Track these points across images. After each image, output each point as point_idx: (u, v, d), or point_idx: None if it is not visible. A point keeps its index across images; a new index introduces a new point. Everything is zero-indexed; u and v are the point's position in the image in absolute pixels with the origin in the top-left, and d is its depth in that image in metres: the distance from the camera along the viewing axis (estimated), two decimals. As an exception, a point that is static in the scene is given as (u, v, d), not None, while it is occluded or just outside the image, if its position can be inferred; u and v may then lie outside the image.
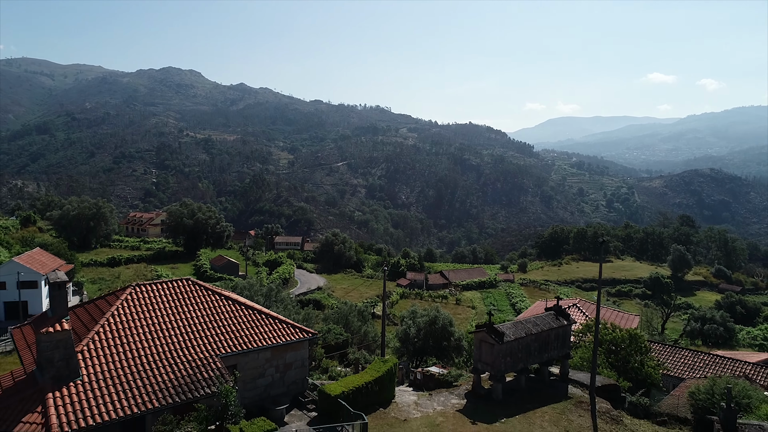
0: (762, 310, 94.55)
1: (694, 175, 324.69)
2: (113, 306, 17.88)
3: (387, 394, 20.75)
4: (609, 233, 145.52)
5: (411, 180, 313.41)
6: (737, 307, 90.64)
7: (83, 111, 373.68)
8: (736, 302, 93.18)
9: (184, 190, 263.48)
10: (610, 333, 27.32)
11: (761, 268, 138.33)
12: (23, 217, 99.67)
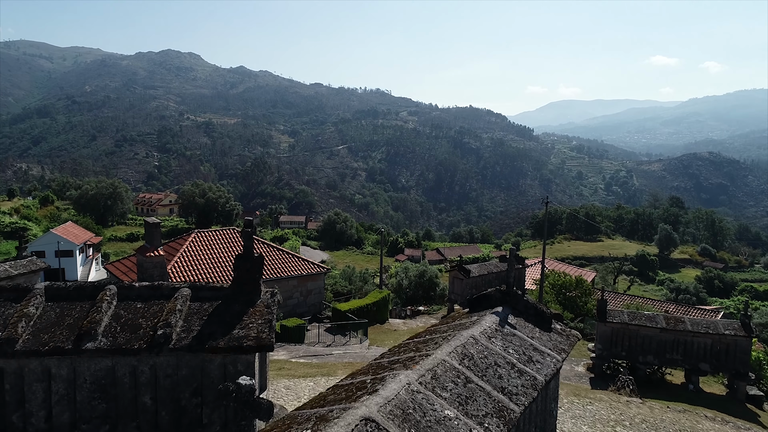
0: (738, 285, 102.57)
1: (692, 159, 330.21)
2: (184, 245, 25.27)
3: (382, 315, 28.17)
4: (601, 214, 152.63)
5: (411, 163, 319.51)
6: (715, 282, 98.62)
7: (83, 94, 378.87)
8: (714, 277, 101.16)
9: (186, 173, 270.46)
10: (561, 278, 34.72)
11: (747, 247, 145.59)
12: (41, 197, 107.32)
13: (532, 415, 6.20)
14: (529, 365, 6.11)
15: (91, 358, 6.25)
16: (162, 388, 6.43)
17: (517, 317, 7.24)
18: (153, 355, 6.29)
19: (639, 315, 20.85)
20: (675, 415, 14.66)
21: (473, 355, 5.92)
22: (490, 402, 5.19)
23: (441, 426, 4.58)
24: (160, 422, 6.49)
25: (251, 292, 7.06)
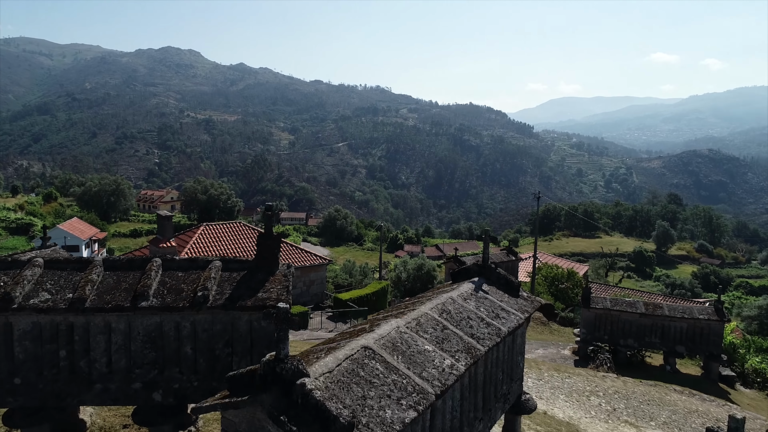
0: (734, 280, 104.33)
1: (692, 156, 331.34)
2: (193, 237, 26.81)
3: (381, 304, 29.72)
4: (599, 211, 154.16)
5: (411, 160, 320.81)
6: (711, 277, 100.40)
7: (83, 91, 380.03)
8: (710, 273, 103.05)
9: (186, 171, 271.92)
10: (553, 271, 36.28)
11: (744, 243, 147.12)
12: (45, 194, 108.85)
13: (498, 360, 7.78)
14: (496, 320, 7.69)
15: (143, 315, 7.80)
16: (200, 340, 7.98)
17: (491, 285, 8.80)
18: (193, 312, 7.84)
19: (620, 301, 22.40)
20: (646, 388, 16.21)
21: (450, 311, 7.50)
22: (461, 343, 6.79)
23: (421, 355, 6.18)
24: (198, 368, 8.04)
25: (271, 264, 8.61)
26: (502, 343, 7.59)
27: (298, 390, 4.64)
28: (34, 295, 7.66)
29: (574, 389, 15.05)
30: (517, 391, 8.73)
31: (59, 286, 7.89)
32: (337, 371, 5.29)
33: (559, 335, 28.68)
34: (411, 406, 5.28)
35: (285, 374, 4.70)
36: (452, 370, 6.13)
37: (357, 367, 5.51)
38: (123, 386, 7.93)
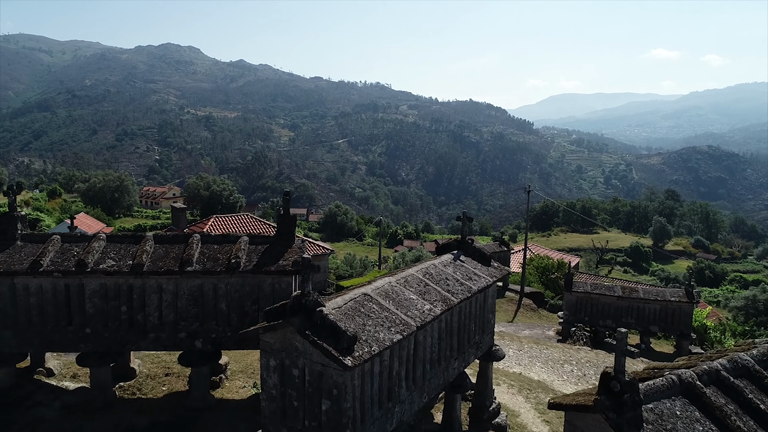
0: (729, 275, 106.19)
1: (691, 152, 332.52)
2: (204, 227, 28.85)
3: (380, 291, 31.73)
4: (597, 207, 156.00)
5: (411, 157, 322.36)
6: (706, 272, 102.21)
7: (83, 88, 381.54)
8: (705, 267, 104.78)
9: (187, 167, 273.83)
10: (544, 261, 38.31)
11: (740, 239, 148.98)
12: (49, 190, 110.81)
13: (471, 314, 9.84)
14: (469, 281, 9.76)
15: (188, 278, 9.83)
16: (232, 299, 10.02)
17: (467, 257, 10.87)
18: (228, 276, 9.88)
19: (599, 285, 24.44)
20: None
21: (432, 273, 9.56)
22: (439, 295, 8.86)
23: (407, 301, 8.24)
24: (231, 321, 10.08)
25: (288, 239, 10.65)
26: (474, 299, 9.63)
27: (318, 315, 6.68)
28: (102, 262, 9.71)
29: (550, 358, 17.07)
30: (488, 343, 10.77)
31: (120, 255, 9.93)
32: (344, 307, 7.34)
33: (547, 320, 30.72)
34: (398, 332, 7.32)
35: (308, 304, 6.74)
36: (430, 312, 8.18)
37: (358, 305, 7.56)
38: (171, 335, 9.99)
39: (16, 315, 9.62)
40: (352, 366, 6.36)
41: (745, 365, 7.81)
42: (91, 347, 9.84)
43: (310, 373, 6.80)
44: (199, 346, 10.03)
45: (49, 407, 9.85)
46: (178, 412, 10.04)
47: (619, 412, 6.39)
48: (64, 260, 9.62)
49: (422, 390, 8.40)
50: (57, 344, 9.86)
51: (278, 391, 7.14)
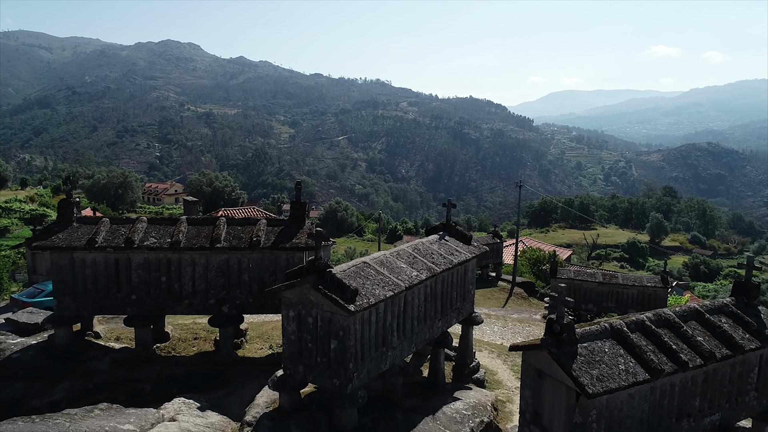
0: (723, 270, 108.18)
1: (691, 149, 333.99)
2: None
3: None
4: (595, 203, 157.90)
5: (411, 154, 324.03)
6: (701, 267, 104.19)
7: (83, 85, 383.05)
8: (700, 263, 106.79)
9: (187, 164, 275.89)
10: (536, 253, 40.31)
11: (737, 235, 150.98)
12: (53, 186, 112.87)
13: (453, 283, 11.84)
14: (450, 255, 11.77)
15: (217, 253, 11.84)
16: (254, 271, 12.03)
17: (451, 237, 12.88)
18: (250, 252, 11.89)
19: (582, 272, 26.46)
20: (591, 336, 20.29)
21: (420, 249, 11.58)
22: (425, 266, 10.87)
23: (398, 269, 10.25)
24: (252, 290, 12.10)
25: (300, 222, 12.65)
26: (455, 270, 11.64)
27: (328, 274, 8.69)
28: (146, 240, 11.73)
29: (531, 334, 19.06)
30: (469, 310, 12.79)
31: (160, 234, 11.95)
32: (347, 270, 9.35)
33: (536, 307, 32.74)
34: (390, 290, 9.34)
35: (320, 266, 8.76)
36: (417, 277, 10.20)
37: (359, 270, 9.58)
38: (203, 302, 12.02)
39: (74, 284, 11.64)
40: (354, 311, 8.38)
41: (667, 318, 9.84)
42: (136, 311, 11.86)
43: (322, 319, 8.82)
44: (226, 311, 12.06)
45: (101, 361, 11.87)
46: (208, 365, 12.06)
47: (559, 348, 8.41)
48: (114, 238, 11.63)
49: (411, 341, 10.43)
50: (108, 308, 11.90)
51: (296, 335, 9.17)
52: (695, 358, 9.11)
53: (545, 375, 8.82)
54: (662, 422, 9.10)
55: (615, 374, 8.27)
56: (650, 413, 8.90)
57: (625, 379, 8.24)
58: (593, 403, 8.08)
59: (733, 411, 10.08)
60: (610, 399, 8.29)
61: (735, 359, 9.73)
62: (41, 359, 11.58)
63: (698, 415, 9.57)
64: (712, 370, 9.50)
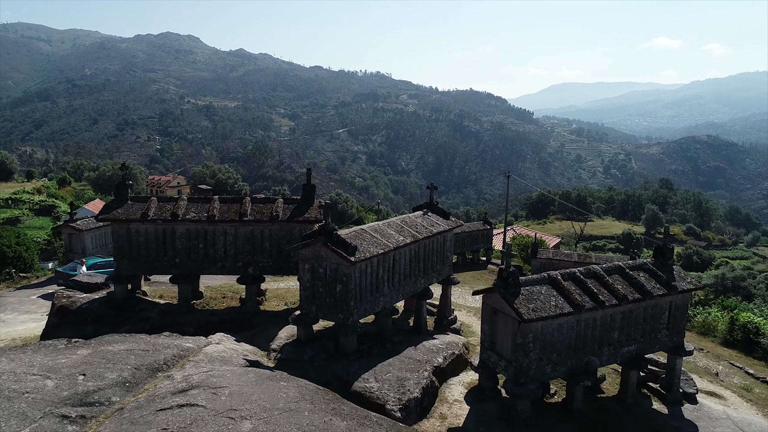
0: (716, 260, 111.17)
1: (690, 142, 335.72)
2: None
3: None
4: (592, 195, 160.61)
5: (411, 146, 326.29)
6: (694, 257, 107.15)
7: (83, 77, 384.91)
8: (693, 253, 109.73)
9: (188, 157, 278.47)
10: (524, 239, 43.28)
11: (732, 227, 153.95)
12: (59, 178, 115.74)
13: (433, 249, 14.87)
14: (431, 227, 14.78)
15: (244, 225, 14.86)
16: (273, 240, 15.05)
17: (433, 213, 15.85)
18: (270, 224, 14.91)
19: (560, 252, 29.47)
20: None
21: (407, 221, 14.59)
22: (410, 233, 13.91)
23: (388, 235, 13.35)
24: (272, 255, 15.12)
25: (310, 200, 15.66)
26: (434, 238, 14.66)
27: (335, 235, 11.71)
28: (187, 214, 14.74)
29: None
30: (447, 272, 15.82)
31: (198, 210, 14.97)
32: (349, 234, 12.37)
33: (522, 287, 35.70)
34: (382, 249, 12.36)
35: (329, 229, 11.77)
36: (403, 241, 13.22)
37: (358, 234, 12.59)
38: (232, 264, 15.04)
39: (130, 249, 14.67)
40: (354, 262, 11.41)
41: (595, 271, 12.89)
42: (179, 271, 14.89)
43: (330, 269, 11.85)
44: (251, 272, 15.09)
45: (151, 311, 14.90)
46: (237, 315, 15.10)
47: (506, 289, 11.41)
48: (162, 213, 14.64)
49: (398, 291, 13.48)
50: (157, 269, 14.94)
51: (310, 283, 12.20)
52: (612, 299, 12.16)
53: (498, 311, 11.86)
54: (587, 348, 12.16)
55: (546, 308, 11.32)
56: (576, 340, 11.96)
57: (554, 311, 11.29)
58: (529, 327, 11.13)
59: (648, 344, 13.13)
60: (543, 326, 11.34)
61: (647, 303, 12.77)
62: (105, 309, 14.62)
63: (617, 345, 12.62)
64: (627, 310, 12.55)
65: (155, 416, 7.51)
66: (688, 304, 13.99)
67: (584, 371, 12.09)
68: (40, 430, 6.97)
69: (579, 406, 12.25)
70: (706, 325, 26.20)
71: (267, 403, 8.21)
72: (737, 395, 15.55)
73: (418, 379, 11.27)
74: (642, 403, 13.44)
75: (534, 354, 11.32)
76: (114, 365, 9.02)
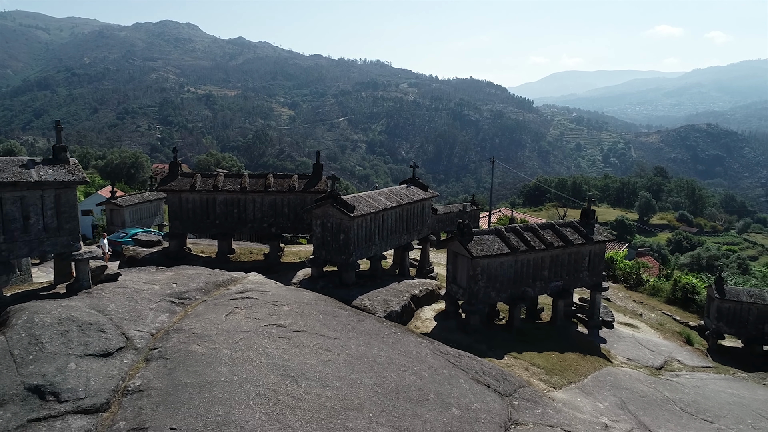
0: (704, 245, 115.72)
1: (690, 130, 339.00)
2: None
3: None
4: (588, 183, 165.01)
5: (411, 135, 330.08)
6: (683, 243, 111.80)
7: (82, 66, 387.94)
8: (683, 239, 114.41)
9: (188, 146, 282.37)
10: (508, 219, 47.89)
11: (724, 214, 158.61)
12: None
13: (413, 214, 19.61)
14: (413, 196, 19.54)
15: (269, 195, 19.50)
16: (291, 206, 19.70)
17: (415, 186, 20.54)
18: (288, 194, 19.56)
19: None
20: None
21: (393, 191, 19.36)
22: (395, 200, 18.70)
23: (378, 200, 18.18)
24: (289, 218, 19.79)
25: (319, 176, 20.30)
26: (414, 205, 19.29)
27: (339, 198, 16.37)
28: (225, 186, 19.37)
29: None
30: (426, 232, 20.47)
31: (233, 183, 19.60)
32: (349, 198, 17.04)
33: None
34: (373, 209, 17.03)
35: (335, 192, 16.44)
36: (389, 205, 17.86)
37: (355, 199, 17.25)
38: (259, 225, 19.71)
39: (181, 213, 19.31)
40: (353, 217, 16.04)
41: (531, 226, 17.54)
42: (219, 230, 19.57)
43: (335, 223, 16.49)
44: (274, 231, 19.75)
45: (197, 262, 19.54)
46: (263, 264, 19.74)
47: (463, 237, 16.04)
48: (205, 185, 19.26)
49: (387, 243, 18.14)
50: (201, 229, 19.62)
51: (320, 234, 16.85)
52: (541, 245, 16.83)
53: (458, 254, 16.51)
54: (523, 281, 16.85)
55: (491, 249, 15.98)
56: (515, 275, 16.64)
57: (496, 251, 15.96)
58: (478, 262, 15.78)
59: (572, 281, 17.82)
60: (488, 262, 16.00)
61: (570, 249, 17.45)
62: (162, 259, 19.25)
63: (547, 280, 17.30)
64: (555, 254, 17.22)
65: (227, 302, 12.22)
66: (604, 252, 18.70)
67: (521, 297, 16.79)
68: (162, 306, 11.65)
69: (518, 324, 16.93)
70: (656, 287, 30.93)
71: (296, 300, 12.92)
72: (649, 327, 20.29)
73: (399, 301, 15.94)
74: (569, 327, 18.15)
75: (482, 283, 15.99)
76: (192, 280, 13.71)
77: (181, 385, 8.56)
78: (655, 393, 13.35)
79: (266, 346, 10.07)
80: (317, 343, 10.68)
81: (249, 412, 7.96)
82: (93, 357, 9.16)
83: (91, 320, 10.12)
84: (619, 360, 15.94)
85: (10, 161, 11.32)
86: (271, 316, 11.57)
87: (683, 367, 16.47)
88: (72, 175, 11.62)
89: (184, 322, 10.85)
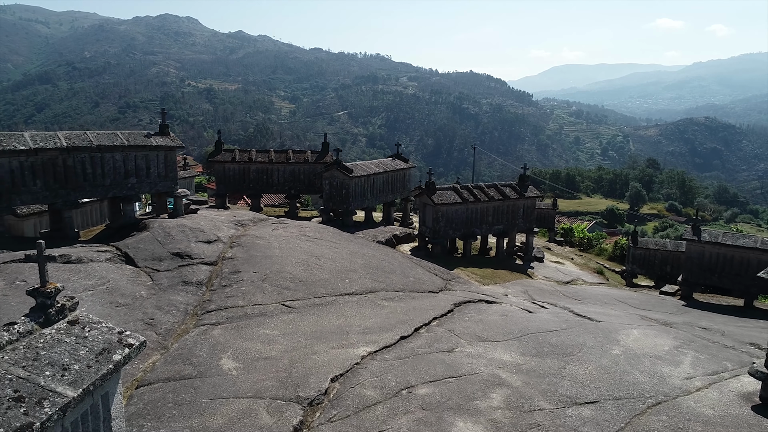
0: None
1: (688, 124, 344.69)
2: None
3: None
4: (582, 174, 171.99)
5: (410, 129, 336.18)
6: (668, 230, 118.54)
7: (83, 60, 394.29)
8: (668, 226, 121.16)
9: (190, 140, 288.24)
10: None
11: (714, 204, 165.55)
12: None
13: (397, 179, 26.94)
14: (396, 166, 26.85)
15: (289, 165, 26.65)
16: (305, 174, 26.90)
17: (399, 159, 27.80)
18: (303, 164, 26.73)
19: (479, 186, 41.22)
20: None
21: (380, 163, 26.75)
22: (382, 168, 26.03)
23: (369, 167, 25.35)
24: (304, 183, 26.97)
25: (326, 152, 27.43)
26: (397, 172, 26.45)
27: (342, 164, 23.54)
28: (257, 158, 26.52)
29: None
30: (406, 193, 27.62)
31: (263, 156, 26.77)
32: (348, 165, 24.15)
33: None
34: (366, 173, 24.21)
35: (339, 160, 23.62)
36: (377, 171, 25.02)
37: (353, 166, 24.46)
38: (282, 187, 26.99)
39: (225, 178, 26.46)
40: (352, 177, 23.23)
41: (480, 185, 24.75)
42: (252, 192, 26.72)
43: (339, 182, 23.66)
44: (293, 192, 26.90)
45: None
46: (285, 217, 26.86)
47: (428, 191, 23.24)
48: (241, 158, 26.37)
49: (376, 198, 25.33)
50: (239, 190, 26.80)
51: (328, 190, 24.04)
52: (485, 198, 23.94)
53: (426, 204, 23.64)
54: (472, 224, 23.99)
55: (449, 200, 23.13)
56: (466, 219, 23.77)
57: (452, 201, 23.10)
58: (439, 209, 22.90)
59: (510, 226, 24.98)
60: (447, 209, 23.13)
61: (508, 202, 24.59)
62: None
63: (491, 224, 24.46)
64: (496, 205, 24.35)
65: (271, 224, 19.40)
66: (534, 206, 25.86)
67: (471, 235, 23.92)
68: (231, 225, 18.76)
69: (468, 254, 24.06)
70: (603, 248, 38.09)
71: (315, 226, 20.09)
72: (574, 264, 27.47)
73: (384, 236, 23.09)
74: (509, 259, 25.29)
75: (442, 223, 23.11)
76: (244, 216, 20.88)
77: (253, 256, 15.71)
78: (551, 289, 20.51)
79: (299, 243, 17.28)
80: (329, 244, 17.87)
81: (292, 269, 15.09)
82: (202, 242, 16.32)
83: (195, 227, 17.31)
84: (537, 277, 23.06)
85: (138, 133, 18.46)
86: (299, 231, 18.77)
87: (584, 282, 23.57)
88: (174, 142, 18.72)
89: (247, 232, 18.03)
